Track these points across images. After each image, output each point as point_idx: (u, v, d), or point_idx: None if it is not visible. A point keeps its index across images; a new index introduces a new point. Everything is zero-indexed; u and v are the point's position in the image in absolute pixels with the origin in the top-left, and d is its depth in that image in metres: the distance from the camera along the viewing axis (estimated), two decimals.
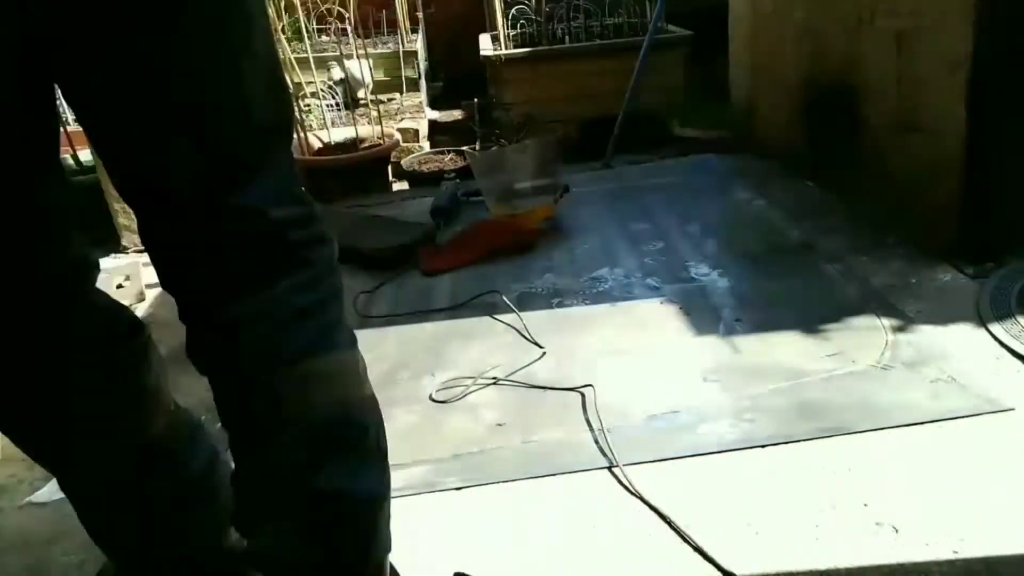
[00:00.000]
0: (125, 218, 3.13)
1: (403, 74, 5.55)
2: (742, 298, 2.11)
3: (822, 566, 1.24)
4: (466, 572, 1.24)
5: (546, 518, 1.42)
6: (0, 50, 0.73)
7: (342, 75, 5.02)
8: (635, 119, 3.54)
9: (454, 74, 6.38)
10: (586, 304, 2.19)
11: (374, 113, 4.02)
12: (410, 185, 3.86)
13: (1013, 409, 1.52)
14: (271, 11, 4.00)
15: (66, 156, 3.78)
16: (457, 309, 2.26)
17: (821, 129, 2.78)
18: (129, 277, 2.54)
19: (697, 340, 1.93)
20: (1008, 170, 2.03)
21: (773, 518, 1.34)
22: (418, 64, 5.69)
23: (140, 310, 2.53)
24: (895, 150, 2.32)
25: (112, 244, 3.18)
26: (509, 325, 2.13)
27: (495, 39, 4.83)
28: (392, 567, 1.07)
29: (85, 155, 3.50)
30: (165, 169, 0.81)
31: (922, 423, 1.51)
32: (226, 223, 0.83)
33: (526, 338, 2.04)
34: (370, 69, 5.07)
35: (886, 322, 1.87)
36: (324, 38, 5.62)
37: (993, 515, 1.29)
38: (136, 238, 3.18)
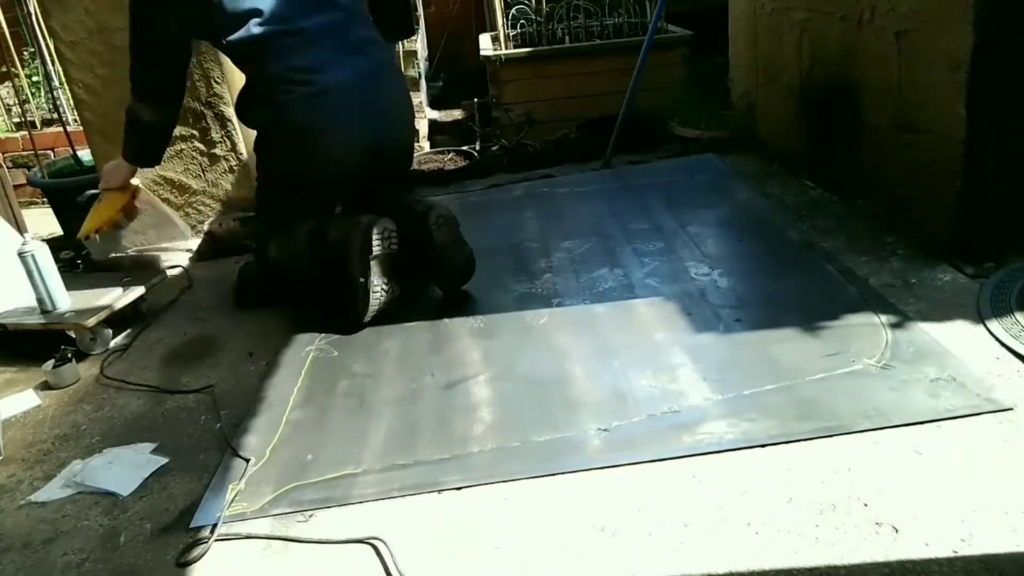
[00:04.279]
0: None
1: (403, 74, 5.54)
2: (742, 298, 2.11)
3: (822, 566, 1.24)
4: None
5: (547, 518, 1.42)
6: None
7: None
8: (635, 119, 3.54)
9: (454, 74, 6.38)
10: (586, 304, 2.19)
11: None
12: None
13: (1013, 408, 1.52)
14: None
15: (67, 156, 3.79)
16: (457, 309, 2.26)
17: (821, 129, 2.78)
18: (132, 276, 2.53)
19: (697, 340, 1.93)
20: (1008, 170, 2.03)
21: (773, 518, 1.35)
22: (418, 64, 5.68)
23: (143, 307, 2.53)
24: (895, 150, 2.32)
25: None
26: (510, 325, 2.13)
27: (495, 39, 4.83)
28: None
29: (85, 155, 3.50)
30: None
31: (922, 423, 1.52)
32: None
33: (527, 338, 2.04)
34: None
35: (886, 321, 1.87)
36: None
37: (993, 515, 1.29)
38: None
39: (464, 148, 4.04)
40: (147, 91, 2.35)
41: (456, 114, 5.48)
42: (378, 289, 2.15)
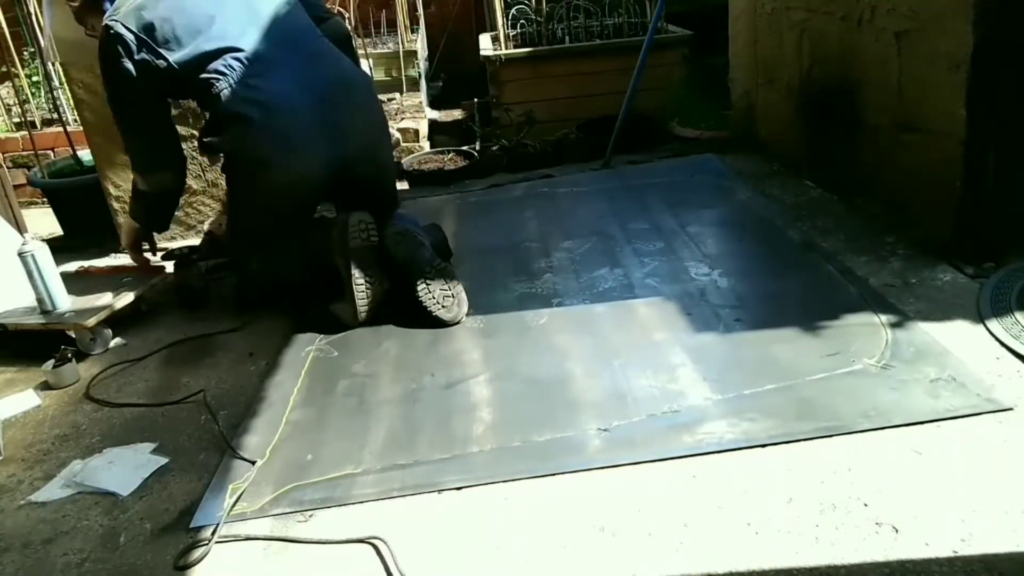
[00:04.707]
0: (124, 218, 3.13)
1: (403, 74, 5.55)
2: (742, 298, 2.11)
3: (822, 566, 1.24)
4: None
5: (547, 518, 1.42)
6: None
7: None
8: (635, 119, 3.54)
9: (454, 74, 6.38)
10: (586, 304, 2.19)
11: None
12: (410, 185, 3.86)
13: (1013, 408, 1.52)
14: None
15: (67, 156, 3.79)
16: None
17: (821, 129, 2.78)
18: (132, 277, 2.53)
19: (697, 339, 1.93)
20: (1008, 170, 2.03)
21: (773, 518, 1.35)
22: (418, 64, 5.68)
23: (143, 307, 2.53)
24: (895, 150, 2.32)
25: (112, 244, 3.18)
26: (510, 325, 2.13)
27: (495, 39, 4.83)
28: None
29: (85, 155, 3.50)
30: None
31: (922, 423, 1.52)
32: None
33: (527, 338, 2.04)
34: (370, 69, 5.06)
35: (886, 321, 1.87)
36: None
37: (993, 515, 1.29)
38: None
39: (464, 148, 4.04)
40: (145, 160, 2.33)
41: (456, 114, 5.48)
42: (361, 282, 2.13)
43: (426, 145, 4.74)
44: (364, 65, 4.80)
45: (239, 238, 2.44)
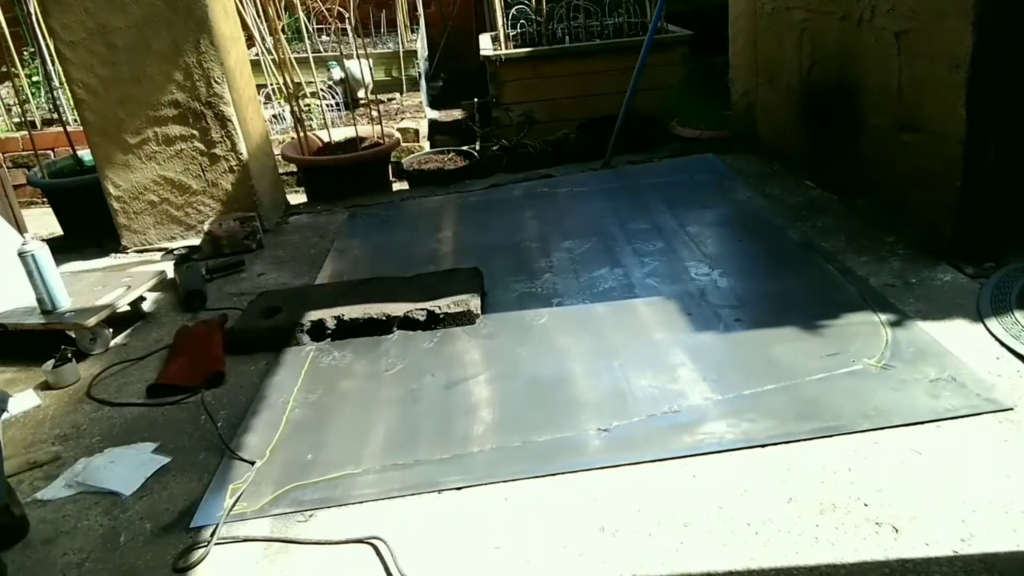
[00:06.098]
0: (124, 218, 3.13)
1: (403, 74, 5.55)
2: (742, 298, 2.11)
3: (822, 566, 1.24)
4: None
5: (547, 518, 1.42)
6: None
7: (342, 75, 5.03)
8: (635, 119, 3.54)
9: (454, 74, 6.39)
10: (586, 304, 2.19)
11: (374, 113, 4.03)
12: (410, 185, 3.86)
13: (1013, 408, 1.52)
14: (272, 10, 4.00)
15: (67, 156, 3.79)
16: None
17: (821, 129, 2.78)
18: (132, 276, 2.53)
19: (697, 339, 1.93)
20: (1008, 170, 2.03)
21: (773, 518, 1.35)
22: (418, 64, 5.69)
23: (143, 307, 2.53)
24: (895, 150, 2.32)
25: (112, 244, 3.18)
26: (510, 325, 2.13)
27: (495, 39, 4.83)
28: None
29: (85, 155, 3.50)
30: None
31: (922, 423, 1.52)
32: None
33: (527, 338, 2.04)
34: (370, 69, 5.07)
35: (886, 321, 1.87)
36: (324, 38, 5.63)
37: (993, 515, 1.29)
38: (136, 238, 3.18)
39: (464, 148, 4.04)
40: None
41: (456, 114, 5.49)
42: None
43: (426, 145, 4.74)
44: (364, 65, 4.82)
45: None
